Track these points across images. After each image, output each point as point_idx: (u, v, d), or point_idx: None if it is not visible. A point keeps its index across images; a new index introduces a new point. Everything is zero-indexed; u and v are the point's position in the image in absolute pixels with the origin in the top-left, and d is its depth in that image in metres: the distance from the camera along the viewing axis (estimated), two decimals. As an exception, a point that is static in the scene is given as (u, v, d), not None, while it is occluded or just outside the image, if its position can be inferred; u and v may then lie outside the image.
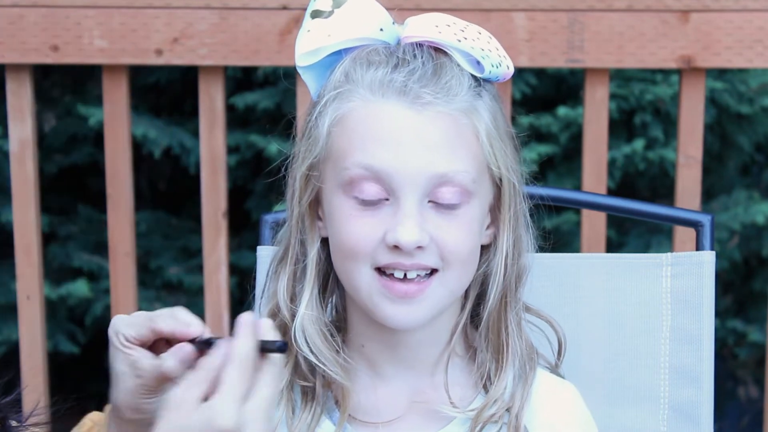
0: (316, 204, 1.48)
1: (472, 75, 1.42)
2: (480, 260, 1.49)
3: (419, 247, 1.40)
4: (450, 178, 1.40)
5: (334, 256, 1.47)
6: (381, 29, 1.43)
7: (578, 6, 2.44)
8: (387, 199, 1.40)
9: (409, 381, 1.50)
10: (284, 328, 1.48)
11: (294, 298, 1.49)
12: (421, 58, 1.40)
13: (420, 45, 1.41)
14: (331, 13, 1.43)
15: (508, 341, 1.50)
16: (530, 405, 1.50)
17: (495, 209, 1.48)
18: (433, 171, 1.39)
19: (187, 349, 1.31)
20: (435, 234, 1.40)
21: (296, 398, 1.50)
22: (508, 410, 1.48)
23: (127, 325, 1.35)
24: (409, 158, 1.38)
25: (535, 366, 1.52)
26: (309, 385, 1.49)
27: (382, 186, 1.40)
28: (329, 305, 1.53)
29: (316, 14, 1.44)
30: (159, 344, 1.36)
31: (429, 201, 1.41)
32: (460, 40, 1.41)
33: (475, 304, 1.52)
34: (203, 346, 1.30)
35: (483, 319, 1.49)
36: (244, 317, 1.25)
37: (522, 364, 1.50)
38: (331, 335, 1.48)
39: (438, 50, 1.42)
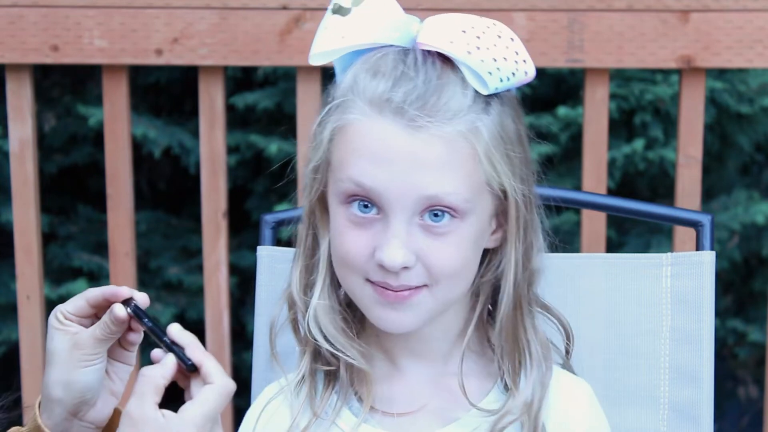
0: (326, 197, 1.48)
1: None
2: (490, 264, 1.49)
3: (405, 267, 1.40)
4: (440, 199, 1.39)
5: (332, 257, 1.48)
6: (396, 32, 1.41)
7: (578, 6, 2.44)
8: (379, 214, 1.41)
9: (424, 372, 1.51)
10: (297, 321, 1.51)
11: (307, 291, 1.50)
12: (425, 73, 1.38)
13: (430, 53, 1.39)
14: (349, 10, 1.42)
15: (528, 346, 1.50)
16: (546, 402, 1.49)
17: (500, 216, 1.47)
18: (422, 192, 1.38)
19: (117, 307, 1.44)
20: (422, 253, 1.41)
21: (318, 385, 1.51)
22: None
23: (65, 304, 1.48)
24: (399, 178, 1.38)
25: (551, 366, 1.52)
26: (332, 369, 1.50)
27: (373, 203, 1.40)
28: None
29: (336, 10, 1.43)
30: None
31: (419, 219, 1.40)
32: (470, 52, 1.38)
33: (491, 303, 1.52)
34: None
35: (497, 323, 1.49)
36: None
37: (540, 365, 1.50)
38: (345, 322, 1.49)
39: (446, 61, 1.39)
